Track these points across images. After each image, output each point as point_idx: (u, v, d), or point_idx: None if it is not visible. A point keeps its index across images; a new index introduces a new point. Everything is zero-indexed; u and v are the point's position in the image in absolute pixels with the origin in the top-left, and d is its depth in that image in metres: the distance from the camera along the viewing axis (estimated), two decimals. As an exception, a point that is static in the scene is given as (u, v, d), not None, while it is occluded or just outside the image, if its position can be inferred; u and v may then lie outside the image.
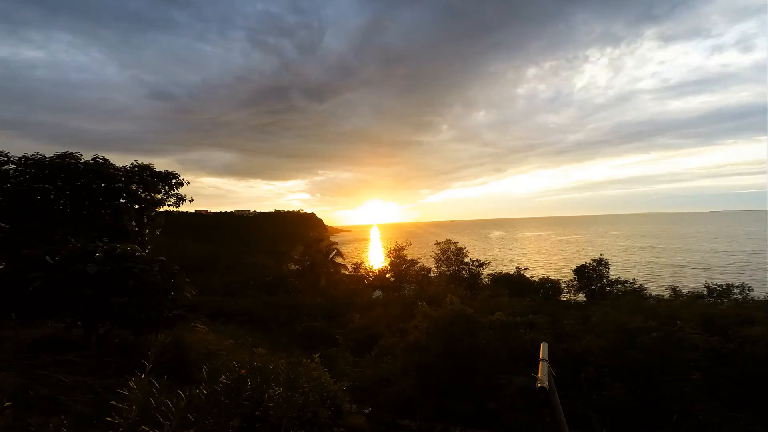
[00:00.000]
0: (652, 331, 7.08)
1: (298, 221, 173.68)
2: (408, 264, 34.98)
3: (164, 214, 16.81)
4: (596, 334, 8.18)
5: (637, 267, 59.88)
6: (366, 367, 9.76)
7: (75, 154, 13.84)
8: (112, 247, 6.24)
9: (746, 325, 8.76)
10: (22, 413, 3.26)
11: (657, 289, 28.68)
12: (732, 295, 21.28)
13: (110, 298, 5.42)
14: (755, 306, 14.63)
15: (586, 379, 6.84)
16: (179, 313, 6.46)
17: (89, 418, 3.45)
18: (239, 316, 18.59)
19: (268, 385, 3.49)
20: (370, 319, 17.38)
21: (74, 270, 5.40)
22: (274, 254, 73.25)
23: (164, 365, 4.50)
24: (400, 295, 26.66)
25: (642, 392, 6.46)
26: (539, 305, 18.56)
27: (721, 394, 6.38)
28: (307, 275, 35.48)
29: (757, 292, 22.09)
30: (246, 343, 9.92)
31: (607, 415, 5.87)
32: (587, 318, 10.75)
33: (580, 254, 71.80)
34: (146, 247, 13.88)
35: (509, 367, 7.27)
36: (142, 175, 15.22)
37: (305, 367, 4.23)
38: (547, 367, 3.01)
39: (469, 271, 34.18)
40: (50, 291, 5.18)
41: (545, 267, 62.73)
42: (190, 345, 7.21)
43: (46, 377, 4.66)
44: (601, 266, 29.52)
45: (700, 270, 55.18)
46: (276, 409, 3.26)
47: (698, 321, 9.24)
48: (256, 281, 34.22)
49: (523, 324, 9.13)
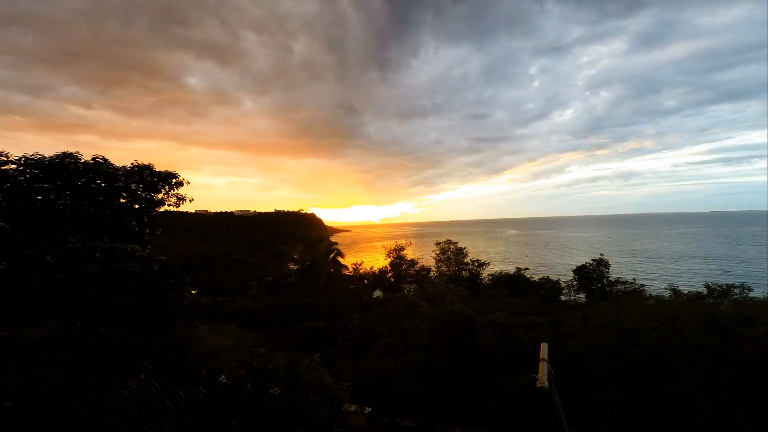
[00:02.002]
0: (652, 331, 7.08)
1: (298, 221, 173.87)
2: (408, 264, 35.01)
3: (164, 213, 16.82)
4: (596, 334, 8.18)
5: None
6: (366, 367, 9.75)
7: (75, 154, 13.84)
8: (112, 247, 6.25)
9: (746, 325, 8.76)
10: (22, 412, 3.26)
11: (657, 289, 28.68)
12: (732, 295, 21.30)
13: (110, 298, 5.42)
14: (755, 306, 14.62)
15: (586, 379, 6.84)
16: (179, 312, 6.47)
17: (89, 418, 3.45)
18: (239, 316, 18.59)
19: (268, 385, 3.50)
20: (370, 319, 17.37)
21: (74, 270, 5.40)
22: (274, 254, 73.28)
23: (164, 365, 4.51)
24: (400, 295, 26.65)
25: (642, 392, 6.46)
26: (539, 305, 18.57)
27: (721, 394, 6.38)
28: (308, 275, 35.49)
29: (758, 292, 22.13)
30: (246, 343, 9.92)
31: (607, 415, 5.87)
32: (587, 318, 10.75)
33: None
34: (147, 246, 13.89)
35: (509, 367, 7.27)
36: (142, 174, 15.22)
37: (305, 367, 4.23)
38: (547, 367, 3.02)
39: (469, 271, 34.18)
40: (50, 291, 5.18)
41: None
42: (190, 345, 7.21)
43: (46, 377, 4.66)
44: (601, 266, 29.50)
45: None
46: (276, 409, 3.26)
47: (698, 321, 9.23)
48: (256, 281, 34.24)
49: (523, 324, 9.13)
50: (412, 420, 6.67)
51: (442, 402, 7.09)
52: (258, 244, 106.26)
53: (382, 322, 15.90)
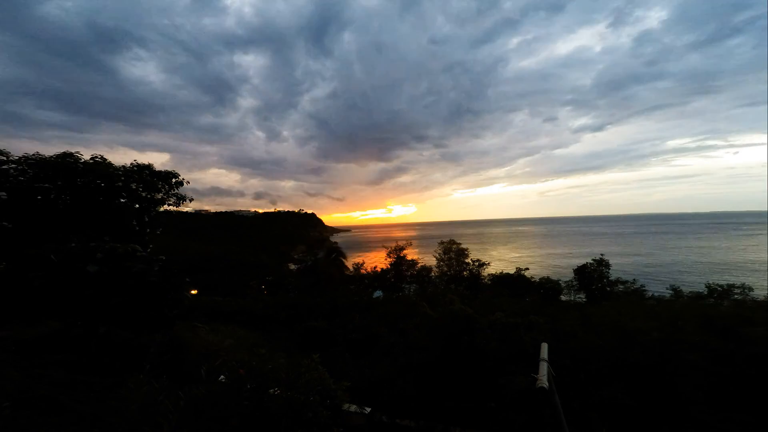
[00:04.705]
0: (652, 331, 7.08)
1: (298, 221, 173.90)
2: (408, 264, 35.03)
3: (164, 213, 16.78)
4: (596, 334, 8.18)
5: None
6: (366, 367, 9.75)
7: (75, 154, 13.80)
8: (113, 247, 6.24)
9: (746, 325, 8.73)
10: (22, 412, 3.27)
11: (658, 290, 28.61)
12: (732, 295, 21.25)
13: (110, 297, 5.42)
14: (756, 306, 14.58)
15: (586, 379, 6.84)
16: (179, 312, 6.47)
17: (89, 418, 3.45)
18: (239, 316, 18.58)
19: (268, 385, 3.49)
20: (370, 319, 17.36)
21: (75, 270, 5.40)
22: (274, 254, 73.31)
23: (164, 365, 4.51)
24: (401, 295, 26.65)
25: (642, 392, 6.45)
26: (539, 305, 18.55)
27: (721, 394, 6.37)
28: (308, 275, 35.46)
29: (758, 292, 22.05)
30: (246, 343, 9.92)
31: (607, 415, 5.87)
32: (587, 318, 10.74)
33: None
34: (148, 246, 13.87)
35: (509, 367, 7.26)
36: (142, 174, 15.18)
37: (305, 367, 4.23)
38: (547, 367, 3.02)
39: (469, 271, 34.14)
40: (51, 290, 5.18)
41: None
42: (190, 344, 7.22)
43: (46, 377, 4.66)
44: (602, 266, 29.43)
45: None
46: (276, 409, 3.25)
47: (699, 322, 9.22)
48: (257, 281, 34.24)
49: (523, 324, 9.12)
50: (412, 420, 6.67)
51: (442, 402, 7.09)
52: (258, 244, 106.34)
53: (382, 322, 15.90)
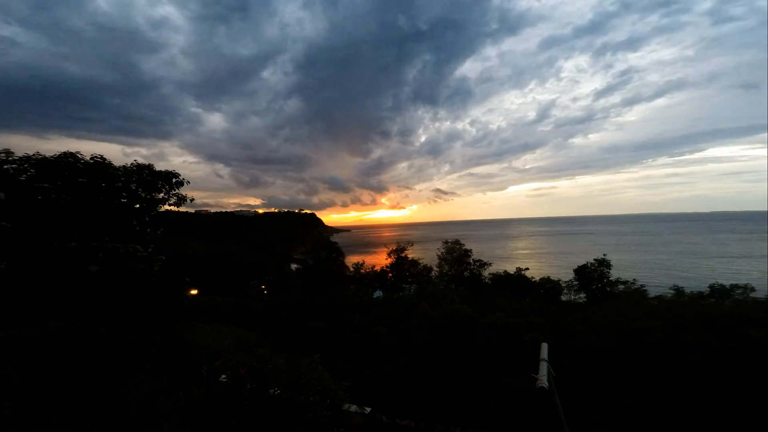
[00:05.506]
0: (653, 331, 7.07)
1: (298, 221, 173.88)
2: (410, 263, 34.98)
3: (165, 213, 16.75)
4: (596, 334, 8.17)
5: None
6: (366, 367, 9.74)
7: (75, 154, 13.81)
8: (114, 247, 6.25)
9: (747, 325, 8.72)
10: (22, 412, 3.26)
11: (658, 290, 28.54)
12: (734, 295, 21.25)
13: (111, 297, 5.43)
14: (756, 306, 14.56)
15: (586, 379, 6.83)
16: (179, 312, 6.47)
17: (89, 418, 3.45)
18: (239, 315, 18.58)
19: (268, 385, 3.49)
20: (371, 319, 17.34)
21: (76, 269, 5.41)
22: (274, 254, 73.29)
23: (164, 365, 4.50)
24: (401, 295, 26.63)
25: (642, 392, 6.44)
26: (540, 305, 18.53)
27: (721, 394, 6.36)
28: (308, 275, 35.49)
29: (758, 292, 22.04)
30: (246, 343, 9.91)
31: (608, 415, 5.86)
32: (588, 318, 10.73)
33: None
34: (148, 246, 13.86)
35: (509, 367, 7.26)
36: (142, 174, 15.16)
37: (305, 367, 4.22)
38: (547, 367, 3.02)
39: (470, 271, 34.07)
40: (52, 290, 5.19)
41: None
42: (190, 344, 7.21)
43: (46, 377, 4.66)
44: (603, 266, 29.35)
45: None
46: (276, 409, 3.25)
47: (700, 321, 9.21)
48: (257, 281, 34.24)
49: (524, 324, 9.11)
50: (413, 420, 6.67)
51: (442, 402, 7.09)
52: (258, 244, 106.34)
53: (382, 322, 15.89)
